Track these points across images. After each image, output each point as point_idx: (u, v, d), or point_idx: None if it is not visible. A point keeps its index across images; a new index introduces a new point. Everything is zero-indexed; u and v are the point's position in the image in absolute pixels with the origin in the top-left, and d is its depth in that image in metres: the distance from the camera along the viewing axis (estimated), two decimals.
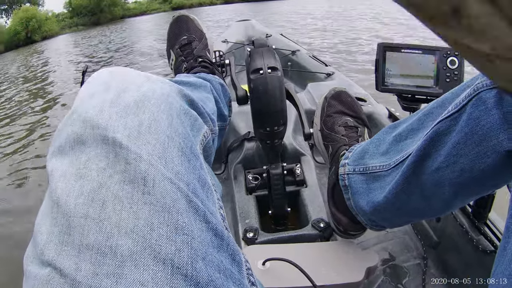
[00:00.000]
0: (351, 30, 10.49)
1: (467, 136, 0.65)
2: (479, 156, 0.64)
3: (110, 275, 0.42)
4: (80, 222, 0.45)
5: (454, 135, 0.68)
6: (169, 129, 0.57)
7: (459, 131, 0.66)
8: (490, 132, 0.62)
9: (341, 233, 1.10)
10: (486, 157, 0.64)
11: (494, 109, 0.62)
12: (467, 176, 0.67)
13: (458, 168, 0.68)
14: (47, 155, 0.55)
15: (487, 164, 0.64)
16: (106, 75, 0.62)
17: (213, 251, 0.51)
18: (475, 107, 0.64)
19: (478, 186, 0.70)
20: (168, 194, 0.49)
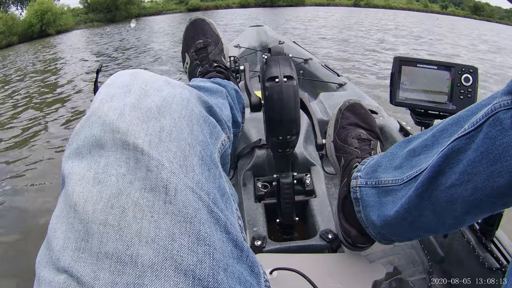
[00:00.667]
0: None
1: (483, 155, 0.65)
2: (493, 175, 0.65)
3: (130, 285, 0.41)
4: (99, 229, 0.44)
5: (469, 153, 0.68)
6: (190, 136, 0.57)
7: (475, 150, 0.67)
8: (505, 152, 0.62)
9: (349, 245, 1.10)
10: (500, 176, 0.64)
11: (511, 130, 0.62)
12: (480, 195, 0.68)
13: (472, 186, 0.68)
14: (63, 156, 0.54)
15: (501, 184, 0.64)
16: (126, 77, 0.61)
17: (233, 263, 0.51)
18: (492, 126, 0.64)
19: (490, 204, 0.70)
20: (190, 204, 0.48)
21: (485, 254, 1.07)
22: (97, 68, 1.26)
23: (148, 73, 0.64)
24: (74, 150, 0.52)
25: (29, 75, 9.54)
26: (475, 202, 0.70)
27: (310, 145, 1.67)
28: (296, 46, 3.47)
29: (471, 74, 1.19)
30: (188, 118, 0.59)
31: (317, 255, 1.14)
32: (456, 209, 0.74)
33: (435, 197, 0.75)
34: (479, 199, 0.69)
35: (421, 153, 0.84)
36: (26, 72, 10.15)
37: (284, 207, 1.30)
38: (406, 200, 0.81)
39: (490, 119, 0.64)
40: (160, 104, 0.56)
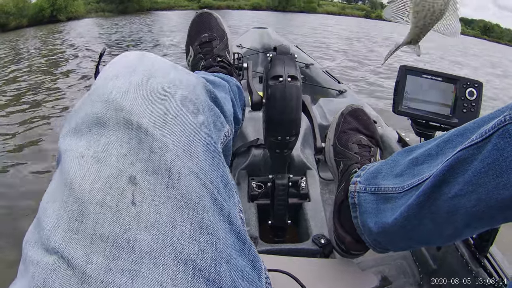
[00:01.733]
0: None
1: (489, 166, 0.65)
2: (498, 187, 0.64)
3: (125, 271, 0.39)
4: (95, 210, 0.42)
5: (475, 163, 0.67)
6: (194, 121, 0.55)
7: (482, 160, 0.66)
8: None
9: (342, 252, 1.09)
10: (505, 189, 0.63)
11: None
12: (482, 206, 0.67)
13: (475, 197, 0.68)
14: (60, 134, 0.52)
15: (505, 196, 0.64)
16: (133, 58, 0.60)
17: (236, 255, 0.50)
18: (500, 138, 0.64)
19: (491, 217, 0.70)
20: (194, 189, 0.47)
21: (478, 269, 1.07)
22: (100, 52, 1.25)
23: (155, 56, 0.63)
24: (73, 127, 0.51)
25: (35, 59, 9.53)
26: (477, 213, 0.69)
27: (308, 148, 1.68)
28: (299, 51, 3.49)
29: (476, 88, 1.19)
30: (194, 104, 0.58)
31: (309, 259, 1.14)
32: (457, 220, 0.73)
33: (436, 207, 0.75)
34: (481, 211, 0.68)
35: (424, 162, 0.83)
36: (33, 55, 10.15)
37: (277, 209, 1.30)
38: (406, 208, 0.81)
39: (500, 130, 0.64)
40: (167, 87, 0.55)
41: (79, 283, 0.38)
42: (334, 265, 1.10)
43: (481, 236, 1.09)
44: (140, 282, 0.39)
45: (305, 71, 3.09)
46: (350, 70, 8.04)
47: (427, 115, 1.25)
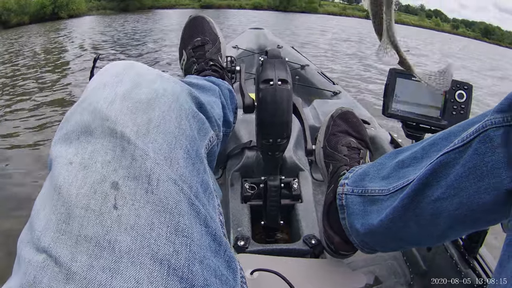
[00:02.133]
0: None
1: (470, 171, 0.66)
2: (479, 191, 0.66)
3: (106, 269, 0.42)
4: (81, 213, 0.45)
5: (457, 168, 0.69)
6: (177, 130, 0.58)
7: (463, 165, 0.68)
8: (493, 169, 0.64)
9: (332, 252, 1.11)
10: (486, 193, 0.65)
11: (500, 148, 0.63)
12: (465, 210, 0.69)
13: (457, 201, 0.69)
14: (52, 140, 0.55)
15: (486, 201, 0.65)
16: (120, 68, 0.62)
17: (210, 256, 0.52)
18: (481, 143, 0.65)
19: (474, 221, 0.71)
20: (171, 195, 0.50)
21: (467, 270, 1.08)
22: (94, 57, 1.27)
23: (142, 65, 0.66)
24: (64, 135, 0.53)
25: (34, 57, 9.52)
26: (459, 217, 0.71)
27: (300, 150, 1.69)
28: (294, 52, 3.48)
29: (466, 90, 1.20)
30: (177, 112, 0.60)
31: (299, 259, 1.15)
32: (440, 222, 0.75)
33: (420, 209, 0.76)
34: (464, 214, 0.70)
35: (410, 165, 0.85)
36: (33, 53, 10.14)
37: (269, 210, 1.31)
38: (391, 211, 0.82)
39: (481, 135, 0.66)
40: (151, 96, 0.58)
41: (65, 279, 0.41)
42: (324, 265, 1.11)
43: (470, 237, 1.10)
44: (119, 279, 0.42)
45: (300, 72, 3.10)
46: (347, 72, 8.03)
47: (417, 118, 1.27)
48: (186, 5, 46.22)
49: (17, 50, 10.68)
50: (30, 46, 11.52)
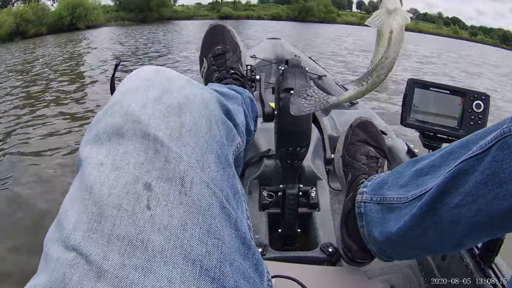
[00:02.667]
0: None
1: (489, 178, 0.66)
2: (497, 198, 0.66)
3: (139, 268, 0.43)
4: (113, 212, 0.46)
5: (476, 175, 0.69)
6: (208, 134, 0.59)
7: (482, 172, 0.68)
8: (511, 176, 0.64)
9: (349, 260, 1.11)
10: (504, 200, 0.65)
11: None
12: (483, 216, 0.69)
13: (475, 208, 0.69)
14: (82, 141, 0.56)
15: (504, 207, 0.65)
16: (150, 73, 0.64)
17: (240, 258, 0.53)
18: (500, 150, 0.65)
19: (492, 228, 0.71)
20: (204, 197, 0.51)
21: (482, 279, 1.08)
22: (116, 63, 1.28)
23: (171, 71, 0.67)
24: (94, 136, 0.55)
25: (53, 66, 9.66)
26: (477, 223, 0.71)
27: (318, 159, 1.69)
28: (311, 62, 3.49)
29: (483, 101, 1.20)
30: (207, 117, 0.62)
31: (316, 267, 1.16)
32: (458, 230, 0.75)
33: (438, 217, 0.77)
34: (482, 221, 0.70)
35: (428, 173, 0.85)
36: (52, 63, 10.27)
37: (287, 218, 1.33)
38: (409, 218, 0.82)
39: (499, 142, 0.66)
40: (182, 101, 0.59)
41: (96, 277, 0.42)
42: (341, 273, 1.12)
43: (486, 246, 1.10)
44: (152, 278, 0.43)
45: (317, 83, 3.10)
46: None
47: (435, 128, 1.27)
48: (205, 16, 46.45)
49: (34, 60, 10.84)
50: (48, 56, 11.67)
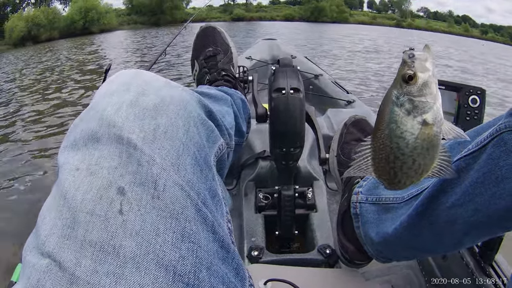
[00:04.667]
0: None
1: (485, 176, 0.65)
2: (495, 197, 0.64)
3: (110, 274, 0.42)
4: (86, 218, 0.45)
5: (472, 173, 0.67)
6: (184, 136, 0.58)
7: (478, 170, 0.66)
8: (509, 173, 0.62)
9: (347, 262, 1.10)
10: (501, 199, 0.63)
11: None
12: (480, 216, 0.67)
13: (472, 207, 0.67)
14: (60, 147, 0.56)
15: (502, 206, 0.63)
16: (127, 76, 0.63)
17: (218, 262, 0.52)
18: (495, 147, 0.63)
19: (490, 227, 0.70)
20: (178, 200, 0.50)
21: (483, 278, 1.06)
22: (106, 68, 1.27)
23: (149, 73, 0.67)
24: (71, 142, 0.54)
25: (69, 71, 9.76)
26: (475, 223, 0.69)
27: (314, 159, 1.68)
28: (307, 61, 3.48)
29: (479, 95, 1.18)
30: (185, 119, 0.61)
31: (313, 269, 1.15)
32: (456, 229, 0.73)
33: (435, 217, 0.75)
34: (479, 221, 0.68)
35: None
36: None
37: (284, 220, 1.31)
38: (406, 218, 0.81)
39: (495, 139, 0.64)
40: (158, 104, 0.58)
41: (69, 283, 0.42)
42: (338, 275, 1.11)
43: (486, 244, 1.08)
44: (123, 284, 0.42)
45: (313, 82, 3.10)
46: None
47: None
48: (217, 18, 46.73)
49: (47, 64, 10.94)
50: (61, 60, 11.78)
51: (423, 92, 0.54)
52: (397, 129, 0.56)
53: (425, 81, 0.54)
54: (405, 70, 0.54)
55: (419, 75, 0.53)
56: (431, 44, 0.55)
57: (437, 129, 0.55)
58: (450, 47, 19.68)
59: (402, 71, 0.54)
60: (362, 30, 31.60)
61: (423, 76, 0.54)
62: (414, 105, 0.54)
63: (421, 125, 0.54)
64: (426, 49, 0.55)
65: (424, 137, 0.55)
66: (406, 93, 0.54)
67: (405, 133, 0.55)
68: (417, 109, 0.54)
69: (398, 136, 0.56)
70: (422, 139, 0.55)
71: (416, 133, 0.55)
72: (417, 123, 0.54)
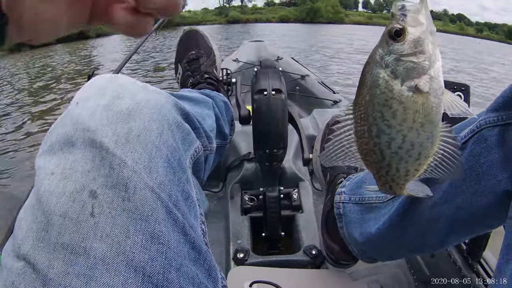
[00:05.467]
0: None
1: (466, 173, 0.64)
2: (477, 194, 0.64)
3: (81, 275, 0.43)
4: (59, 221, 0.46)
5: None
6: (158, 139, 0.58)
7: None
8: (490, 170, 0.62)
9: (333, 262, 1.09)
10: (483, 196, 0.63)
11: (495, 148, 0.62)
12: (463, 214, 0.67)
13: (455, 205, 0.67)
14: (37, 153, 0.56)
15: (484, 203, 0.64)
16: (103, 81, 0.63)
17: (188, 264, 0.52)
18: (476, 143, 0.64)
19: (473, 225, 0.70)
20: (148, 202, 0.50)
21: (471, 275, 1.06)
22: (88, 74, 1.27)
23: (125, 78, 0.67)
24: (48, 147, 0.54)
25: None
26: (457, 221, 0.69)
27: (300, 160, 1.67)
28: (294, 62, 3.47)
29: (463, 92, 1.17)
30: (159, 122, 0.61)
31: (300, 270, 1.14)
32: (439, 228, 0.73)
33: (417, 216, 0.75)
34: (462, 219, 0.68)
35: None
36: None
37: (270, 221, 1.31)
38: (388, 218, 0.81)
39: (475, 136, 0.64)
40: (132, 107, 0.58)
41: (42, 285, 0.43)
42: (324, 276, 1.10)
43: (473, 241, 1.08)
44: (94, 285, 0.43)
45: (300, 83, 3.10)
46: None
47: None
48: (213, 21, 46.78)
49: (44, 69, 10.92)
50: (58, 65, 11.76)
51: (414, 51, 0.45)
52: (380, 95, 0.46)
53: (417, 38, 0.45)
54: (392, 24, 0.45)
55: (410, 30, 0.45)
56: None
57: (434, 99, 0.46)
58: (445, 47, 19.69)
59: (389, 26, 0.45)
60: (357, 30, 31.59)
61: (414, 31, 0.45)
62: (403, 66, 0.45)
63: (412, 92, 0.45)
64: (422, 1, 0.45)
65: (416, 108, 0.46)
66: (393, 52, 0.45)
67: (390, 101, 0.46)
68: (406, 72, 0.45)
69: (382, 104, 0.46)
70: (414, 110, 0.46)
71: (406, 102, 0.45)
72: (407, 89, 0.45)
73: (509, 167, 0.60)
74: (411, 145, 0.47)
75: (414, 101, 0.45)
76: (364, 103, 0.48)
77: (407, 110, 0.45)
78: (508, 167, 0.60)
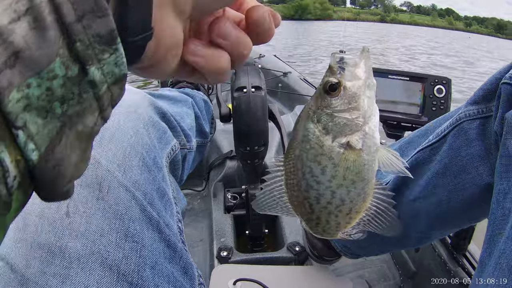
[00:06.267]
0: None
1: (447, 167, 0.64)
2: (457, 188, 0.64)
3: (57, 275, 0.43)
4: (35, 221, 0.46)
5: (433, 165, 0.67)
6: (133, 138, 0.58)
7: (439, 161, 0.66)
8: (470, 163, 0.62)
9: (316, 258, 1.09)
10: (464, 189, 0.63)
11: (476, 141, 0.61)
12: (445, 208, 0.67)
13: (436, 200, 0.67)
14: None
15: (466, 197, 0.63)
16: None
17: (164, 262, 0.52)
18: (456, 137, 0.63)
19: (456, 218, 0.70)
20: (122, 201, 0.50)
21: (456, 268, 1.06)
22: None
23: None
24: None
25: None
26: (440, 216, 0.69)
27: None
28: (276, 60, 3.47)
29: (444, 85, 1.17)
30: (134, 121, 0.61)
31: (283, 267, 1.14)
32: (421, 223, 0.73)
33: (398, 211, 0.73)
34: (444, 213, 0.68)
35: None
36: None
37: (253, 219, 1.30)
38: None
39: (455, 129, 0.64)
40: None
41: (19, 285, 0.43)
42: (308, 272, 1.10)
43: (457, 235, 1.08)
44: (69, 284, 0.43)
45: (282, 80, 3.09)
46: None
47: (397, 116, 1.23)
48: None
49: None
50: None
51: (349, 107, 0.43)
52: (310, 150, 0.44)
53: (352, 93, 0.43)
54: (327, 78, 0.43)
55: (346, 84, 0.42)
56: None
57: (368, 157, 0.44)
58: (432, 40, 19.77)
59: (325, 79, 0.43)
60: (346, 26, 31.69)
61: (351, 86, 0.43)
62: (335, 122, 0.43)
63: (344, 149, 0.43)
64: (362, 53, 0.43)
65: (347, 165, 0.44)
66: (326, 107, 0.43)
67: (320, 157, 0.44)
68: (338, 128, 0.43)
69: (312, 160, 0.44)
70: (345, 167, 0.44)
71: (336, 158, 0.43)
72: (338, 145, 0.43)
73: (490, 160, 0.60)
74: (341, 201, 0.45)
75: (345, 158, 0.43)
76: (294, 157, 0.47)
77: (337, 167, 0.44)
78: (489, 160, 0.60)
